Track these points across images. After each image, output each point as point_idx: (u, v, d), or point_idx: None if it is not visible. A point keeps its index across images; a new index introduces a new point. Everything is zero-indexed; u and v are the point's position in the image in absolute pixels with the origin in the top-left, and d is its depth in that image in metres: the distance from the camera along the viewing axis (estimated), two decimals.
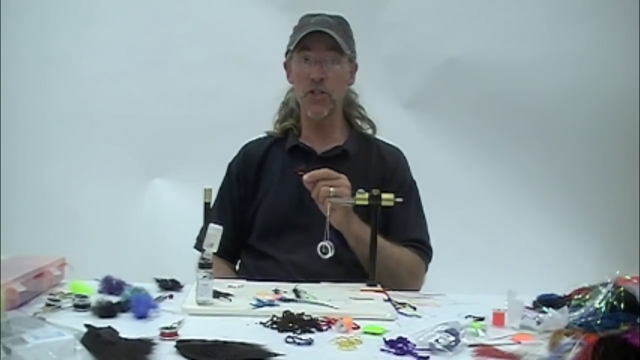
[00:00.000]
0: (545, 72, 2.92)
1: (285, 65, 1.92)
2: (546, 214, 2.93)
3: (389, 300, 1.51)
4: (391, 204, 1.65)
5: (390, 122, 2.05)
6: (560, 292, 1.41)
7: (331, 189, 1.64)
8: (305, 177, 1.67)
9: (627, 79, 2.86)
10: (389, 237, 1.78)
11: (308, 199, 1.69)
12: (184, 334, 1.18)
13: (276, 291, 1.51)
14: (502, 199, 2.95)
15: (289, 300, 1.45)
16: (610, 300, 1.21)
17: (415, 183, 1.93)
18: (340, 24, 1.86)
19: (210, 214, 1.56)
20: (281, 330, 1.24)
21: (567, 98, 2.92)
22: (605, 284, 1.26)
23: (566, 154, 2.96)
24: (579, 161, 2.95)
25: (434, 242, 1.88)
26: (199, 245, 1.71)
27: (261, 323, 1.29)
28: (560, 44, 2.91)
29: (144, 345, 1.08)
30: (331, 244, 1.63)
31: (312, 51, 1.82)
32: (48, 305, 1.36)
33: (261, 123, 1.97)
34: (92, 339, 1.06)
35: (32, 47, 2.91)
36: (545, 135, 2.96)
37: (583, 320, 1.21)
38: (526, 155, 2.96)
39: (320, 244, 1.63)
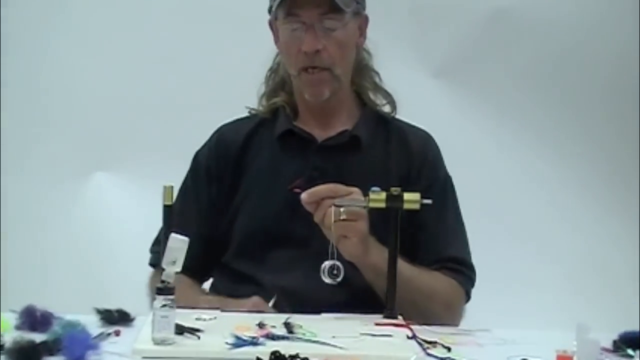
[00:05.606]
0: (621, 29, 2.93)
1: (271, 25, 1.90)
2: (613, 214, 2.92)
3: (414, 337, 1.50)
4: (417, 206, 1.63)
5: (416, 96, 2.06)
6: None
7: (342, 209, 1.61)
8: (304, 196, 1.63)
9: None
10: (418, 256, 1.78)
11: None
12: None
13: (261, 325, 1.51)
14: (556, 194, 2.98)
15: (278, 338, 1.44)
16: None
17: (450, 179, 1.93)
18: None
19: (171, 222, 1.55)
20: None
21: None
22: None
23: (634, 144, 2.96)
24: None
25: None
26: (156, 261, 1.73)
27: None
28: None
29: None
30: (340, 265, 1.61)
31: (301, 15, 1.80)
32: None
33: (242, 98, 1.97)
34: None
35: None
36: (614, 114, 2.96)
37: None
38: (583, 140, 2.95)
39: (327, 263, 1.60)
